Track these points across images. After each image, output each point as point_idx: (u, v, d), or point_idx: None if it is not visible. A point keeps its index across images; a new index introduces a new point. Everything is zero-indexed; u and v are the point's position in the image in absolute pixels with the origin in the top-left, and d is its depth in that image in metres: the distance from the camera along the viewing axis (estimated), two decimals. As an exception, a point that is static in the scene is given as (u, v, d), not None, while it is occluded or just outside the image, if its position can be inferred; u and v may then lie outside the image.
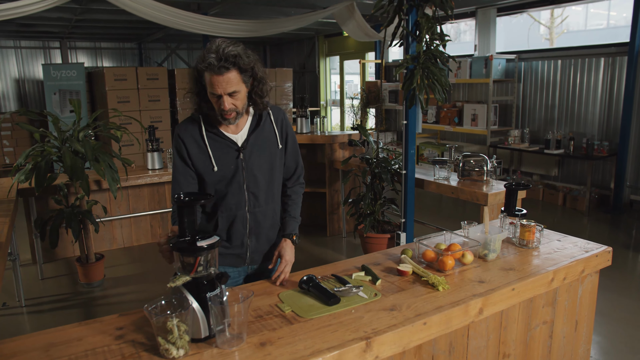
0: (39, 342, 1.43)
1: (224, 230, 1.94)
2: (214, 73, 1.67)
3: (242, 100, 1.78)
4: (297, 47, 12.37)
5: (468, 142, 8.05)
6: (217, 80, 1.68)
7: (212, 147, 1.85)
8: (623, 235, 5.33)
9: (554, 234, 2.34)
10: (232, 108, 1.76)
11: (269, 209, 1.98)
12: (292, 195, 2.08)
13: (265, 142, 1.92)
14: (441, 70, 3.48)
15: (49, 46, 11.10)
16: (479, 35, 7.70)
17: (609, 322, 3.39)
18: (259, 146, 1.91)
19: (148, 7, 5.45)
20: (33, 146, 3.63)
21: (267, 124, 1.94)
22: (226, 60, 1.65)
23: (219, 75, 1.67)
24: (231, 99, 1.74)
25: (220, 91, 1.70)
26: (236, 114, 1.79)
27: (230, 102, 1.74)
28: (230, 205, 1.91)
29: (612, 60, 6.17)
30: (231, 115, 1.78)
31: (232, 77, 1.69)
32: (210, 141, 1.85)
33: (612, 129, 6.24)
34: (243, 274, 2.04)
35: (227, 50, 1.66)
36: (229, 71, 1.67)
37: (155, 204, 5.16)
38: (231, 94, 1.72)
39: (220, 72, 1.66)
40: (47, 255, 4.67)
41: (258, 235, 1.98)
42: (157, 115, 7.20)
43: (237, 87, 1.72)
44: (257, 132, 1.91)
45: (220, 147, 1.86)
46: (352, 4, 6.50)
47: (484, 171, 3.76)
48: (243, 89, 1.76)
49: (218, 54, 1.66)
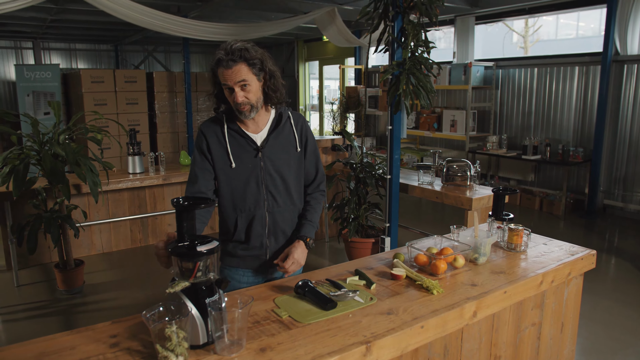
0: (29, 352, 1.38)
1: (243, 230, 1.96)
2: (223, 67, 1.77)
3: (255, 93, 1.84)
4: (276, 51, 12.36)
5: (447, 148, 8.17)
6: (226, 73, 1.78)
7: (231, 144, 1.91)
8: (597, 238, 5.48)
9: (539, 237, 2.39)
10: (245, 101, 1.82)
11: (288, 210, 2.00)
12: (311, 202, 2.10)
13: (285, 144, 1.97)
14: (426, 77, 3.53)
15: (21, 46, 10.80)
16: (457, 42, 7.83)
17: (588, 323, 3.47)
18: (278, 147, 1.95)
19: (127, 9, 5.36)
20: (11, 149, 3.52)
21: (287, 127, 1.99)
22: (233, 54, 1.76)
23: (228, 69, 1.77)
24: (243, 92, 1.81)
25: (230, 83, 1.79)
26: (251, 107, 1.84)
27: (242, 95, 1.80)
28: (248, 204, 1.93)
29: (585, 69, 6.35)
30: (245, 108, 1.83)
31: (240, 69, 1.78)
32: (231, 138, 1.92)
33: (587, 135, 6.42)
34: (262, 281, 2.03)
35: (235, 46, 1.78)
36: (236, 64, 1.77)
37: (135, 209, 5.06)
38: (242, 86, 1.80)
39: (229, 65, 1.76)
40: (23, 261, 4.53)
41: (277, 236, 2.00)
42: (135, 119, 7.09)
43: (247, 78, 1.79)
44: (276, 132, 1.95)
45: (239, 144, 1.92)
46: (333, 10, 6.53)
47: (468, 176, 3.82)
48: (254, 81, 1.82)
49: (226, 50, 1.77)
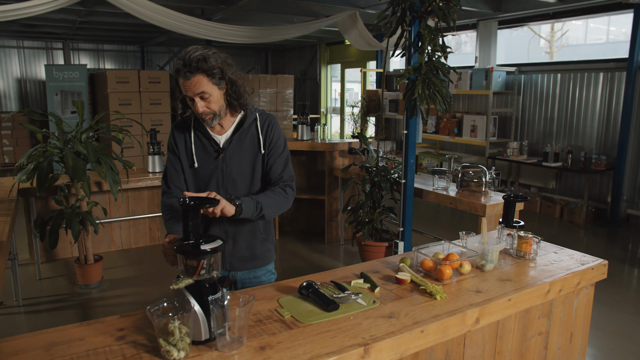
0: (41, 341, 1.44)
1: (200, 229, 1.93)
2: (182, 78, 1.76)
3: (217, 102, 1.83)
4: (299, 54, 12.44)
5: (467, 153, 8.10)
6: (186, 85, 1.76)
7: (195, 144, 1.95)
8: (619, 249, 5.36)
9: (550, 246, 2.36)
10: (206, 111, 1.82)
11: None
12: (267, 191, 1.96)
13: (248, 146, 1.95)
14: (442, 82, 3.52)
15: (52, 47, 11.14)
16: (479, 47, 7.77)
17: (604, 335, 3.41)
18: (241, 149, 1.95)
19: (152, 11, 5.49)
20: (35, 146, 3.65)
21: (252, 129, 1.97)
22: (190, 65, 1.73)
23: (187, 80, 1.75)
24: (203, 102, 1.80)
25: (190, 94, 1.78)
26: (213, 115, 1.85)
27: (203, 105, 1.80)
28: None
29: (610, 75, 6.23)
30: (208, 117, 1.84)
31: (199, 81, 1.75)
32: (196, 139, 1.96)
33: (610, 143, 6.29)
34: None
35: (193, 56, 1.73)
36: (194, 75, 1.74)
37: (154, 207, 5.17)
38: (202, 97, 1.78)
39: (187, 76, 1.74)
40: (45, 255, 4.68)
41: (235, 239, 1.99)
42: (158, 119, 7.22)
43: (207, 89, 1.77)
44: (240, 134, 1.95)
45: (202, 145, 1.95)
46: (354, 13, 6.56)
47: (483, 182, 3.79)
48: (215, 90, 1.80)
49: (184, 59, 1.74)
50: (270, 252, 2.12)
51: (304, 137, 5.40)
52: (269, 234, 2.10)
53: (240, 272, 2.05)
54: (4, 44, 10.61)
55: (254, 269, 2.06)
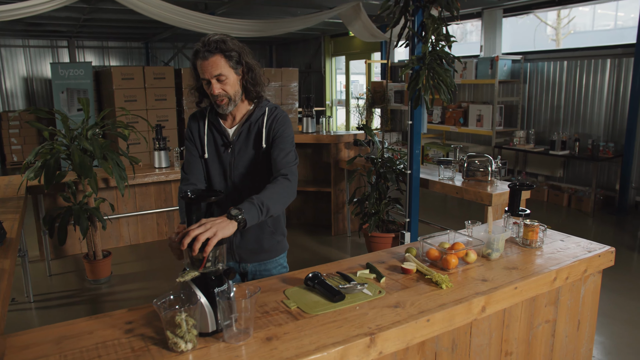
0: (51, 335, 1.46)
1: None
2: (201, 59, 1.80)
3: (233, 86, 1.85)
4: (303, 47, 12.40)
5: (473, 143, 8.06)
6: (204, 65, 1.80)
7: (208, 135, 1.98)
8: (628, 236, 5.33)
9: (557, 234, 2.35)
10: (222, 93, 1.84)
11: None
12: (268, 186, 1.82)
13: (255, 140, 1.97)
14: (446, 71, 3.50)
15: (57, 45, 11.19)
16: (484, 36, 7.70)
17: (612, 323, 3.40)
18: (248, 143, 1.96)
19: (156, 7, 5.49)
20: (42, 144, 3.68)
21: (259, 122, 1.97)
22: (209, 45, 1.78)
23: (205, 60, 1.79)
24: (220, 84, 1.82)
25: (207, 75, 1.81)
26: (228, 100, 1.87)
27: (219, 87, 1.82)
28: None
29: (618, 61, 6.16)
30: (223, 101, 1.86)
31: (217, 61, 1.79)
32: (208, 130, 1.99)
33: (618, 130, 6.23)
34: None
35: (213, 38, 1.79)
36: (213, 55, 1.78)
37: (161, 202, 5.20)
38: (219, 79, 1.81)
39: (206, 56, 1.78)
40: (55, 251, 4.73)
41: (243, 232, 1.98)
42: (163, 114, 7.25)
43: (224, 70, 1.81)
44: (248, 128, 1.96)
45: (214, 137, 1.99)
46: (358, 5, 6.52)
47: (489, 172, 3.78)
48: (231, 74, 1.83)
49: (204, 42, 1.80)
50: (280, 244, 2.11)
51: (309, 130, 5.40)
52: (278, 226, 2.09)
53: (250, 264, 2.07)
54: (10, 43, 10.66)
55: (263, 261, 2.07)
